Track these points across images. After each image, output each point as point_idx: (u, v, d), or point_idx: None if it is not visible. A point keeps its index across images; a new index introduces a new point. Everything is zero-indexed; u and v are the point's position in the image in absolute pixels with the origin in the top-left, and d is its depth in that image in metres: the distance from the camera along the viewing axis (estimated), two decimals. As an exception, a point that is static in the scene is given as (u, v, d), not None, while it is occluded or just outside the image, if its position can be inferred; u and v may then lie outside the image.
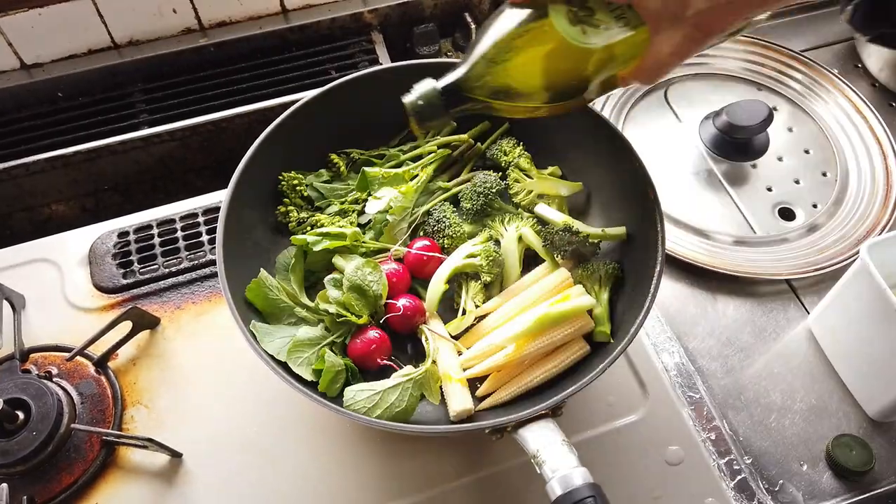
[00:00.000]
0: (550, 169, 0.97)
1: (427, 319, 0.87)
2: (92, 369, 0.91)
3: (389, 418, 0.77)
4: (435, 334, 0.84)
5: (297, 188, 0.93)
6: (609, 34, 0.62)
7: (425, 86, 0.68)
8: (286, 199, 0.93)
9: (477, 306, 0.88)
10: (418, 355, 0.85)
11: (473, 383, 0.84)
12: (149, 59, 1.18)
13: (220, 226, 0.81)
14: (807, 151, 1.20)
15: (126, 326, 0.91)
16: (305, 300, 0.86)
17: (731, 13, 0.58)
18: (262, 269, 0.84)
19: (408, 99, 0.69)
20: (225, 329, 0.94)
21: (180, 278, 1.00)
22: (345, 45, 1.23)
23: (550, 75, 0.65)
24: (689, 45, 0.61)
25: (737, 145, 1.18)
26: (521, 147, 0.97)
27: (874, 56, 1.28)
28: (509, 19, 0.64)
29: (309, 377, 0.79)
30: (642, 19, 0.62)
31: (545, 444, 0.68)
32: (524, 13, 0.64)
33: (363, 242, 0.90)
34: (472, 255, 0.89)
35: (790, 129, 1.23)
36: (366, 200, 0.94)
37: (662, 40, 0.61)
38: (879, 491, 0.87)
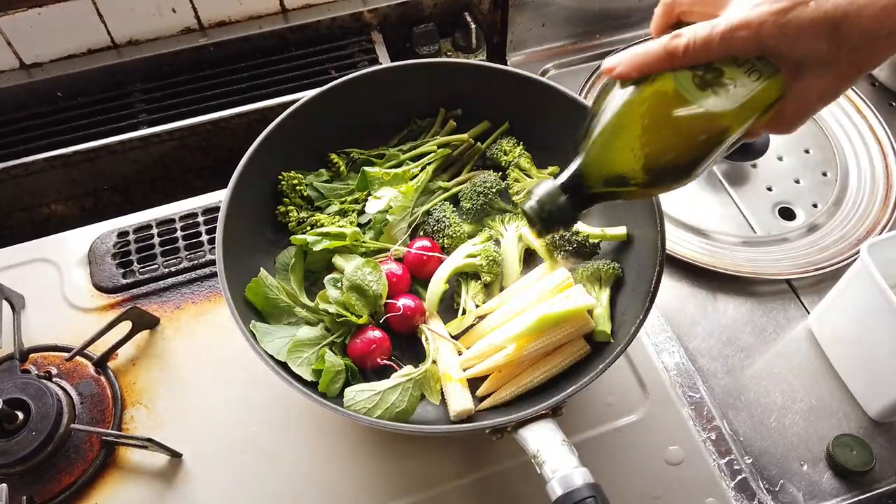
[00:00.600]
0: (551, 169, 0.97)
1: (427, 319, 0.87)
2: (91, 369, 0.91)
3: (390, 418, 0.77)
4: (435, 334, 0.84)
5: (297, 188, 0.93)
6: (742, 91, 0.56)
7: (545, 188, 0.61)
8: (286, 199, 0.93)
9: (477, 306, 0.88)
10: (418, 355, 0.85)
11: (474, 383, 0.83)
12: (148, 58, 1.17)
13: (219, 225, 0.81)
14: (807, 151, 1.20)
15: (126, 326, 0.91)
16: (305, 300, 0.86)
17: (890, 46, 0.54)
18: (261, 268, 0.84)
19: (529, 206, 0.62)
20: (225, 329, 0.94)
21: (180, 278, 1.00)
22: (344, 45, 1.23)
23: (682, 148, 0.58)
24: (840, 86, 0.56)
25: (737, 145, 1.17)
26: (521, 147, 0.97)
27: (874, 56, 1.28)
28: (624, 97, 0.58)
29: (309, 377, 0.79)
30: (776, 67, 0.56)
31: (545, 444, 0.68)
32: (639, 88, 0.58)
33: (363, 242, 0.90)
34: (471, 255, 0.89)
35: (790, 129, 1.22)
36: (366, 200, 0.94)
37: (808, 85, 0.56)
38: (880, 491, 0.86)
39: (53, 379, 0.89)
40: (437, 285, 0.87)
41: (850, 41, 0.53)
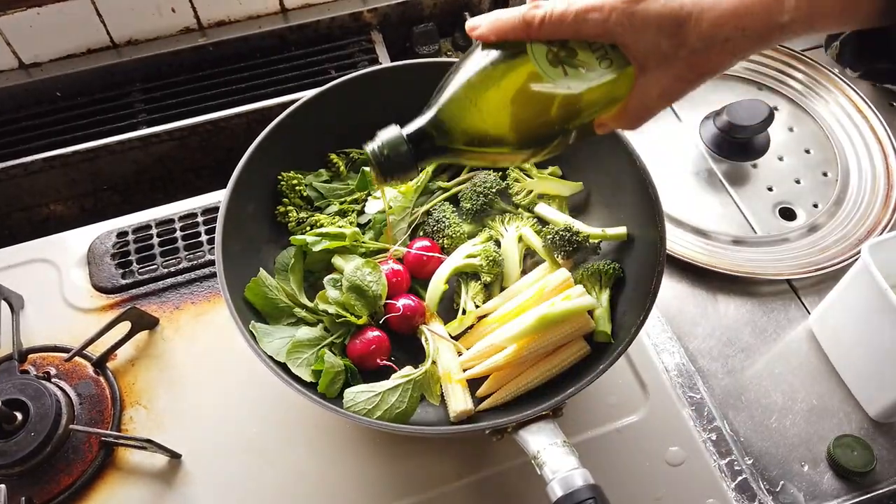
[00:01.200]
0: (550, 169, 0.97)
1: (427, 320, 0.86)
2: (90, 370, 0.91)
3: (389, 419, 0.77)
4: (435, 335, 0.84)
5: (297, 188, 0.92)
6: (592, 76, 0.58)
7: (390, 133, 0.63)
8: (285, 199, 0.93)
9: (477, 306, 0.88)
10: (418, 356, 0.85)
11: (473, 384, 0.83)
12: (147, 58, 1.17)
13: (219, 226, 0.81)
14: (807, 151, 1.20)
15: (125, 327, 0.91)
16: (305, 300, 0.86)
17: (726, 53, 0.55)
18: (261, 268, 0.84)
19: (370, 148, 0.64)
20: (224, 329, 0.94)
21: (179, 278, 1.00)
22: (344, 45, 1.23)
23: (527, 120, 0.60)
24: (679, 87, 0.57)
25: (737, 145, 1.17)
26: (521, 147, 0.97)
27: (875, 55, 1.28)
28: (482, 59, 0.59)
29: (308, 378, 0.79)
30: (627, 60, 0.58)
31: (546, 445, 0.68)
32: (498, 53, 0.59)
33: (363, 242, 0.90)
34: (471, 256, 0.88)
35: (791, 129, 1.22)
36: (365, 200, 0.94)
37: (650, 81, 0.57)
38: (881, 492, 0.86)
39: (52, 379, 0.89)
40: (437, 285, 0.87)
41: (689, 43, 0.54)
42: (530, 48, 0.58)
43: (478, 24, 0.60)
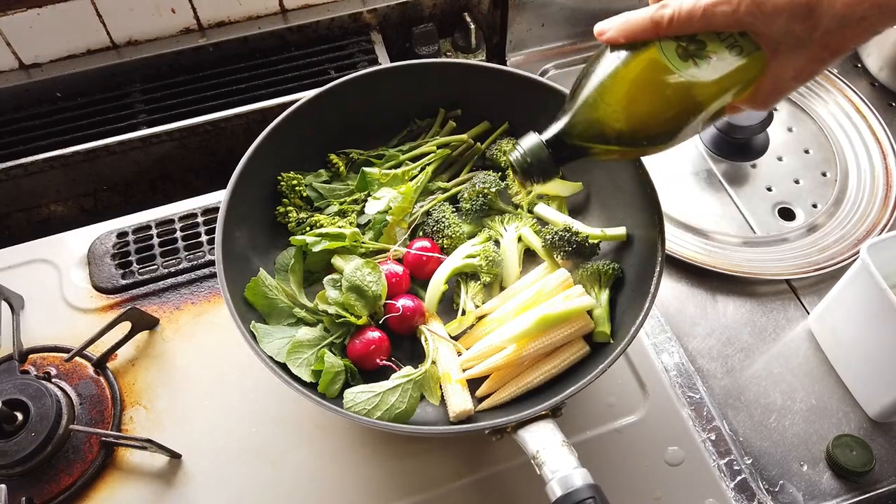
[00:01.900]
0: (550, 169, 0.97)
1: (426, 320, 0.86)
2: (91, 370, 0.91)
3: (390, 419, 0.77)
4: (434, 335, 0.84)
5: (297, 188, 0.92)
6: (722, 65, 0.59)
7: (530, 141, 0.65)
8: (285, 200, 0.93)
9: (476, 307, 0.88)
10: (418, 356, 0.85)
11: (473, 384, 0.83)
12: (147, 59, 1.17)
13: (218, 226, 0.81)
14: (807, 151, 1.20)
15: (125, 327, 0.91)
16: (304, 300, 0.86)
17: (862, 31, 0.55)
18: (261, 269, 0.84)
19: (514, 156, 0.67)
20: (224, 330, 0.94)
21: (179, 279, 1.00)
22: (344, 45, 1.23)
23: (662, 114, 0.61)
24: (814, 66, 0.58)
25: (737, 145, 1.18)
26: (520, 147, 0.97)
27: (874, 55, 1.28)
28: (611, 62, 0.61)
29: (308, 378, 0.79)
30: (757, 44, 0.59)
31: (545, 444, 0.68)
32: (625, 54, 0.60)
33: (362, 243, 0.90)
34: (471, 256, 0.88)
35: (790, 129, 1.22)
36: (365, 201, 0.94)
37: (783, 64, 0.58)
38: (880, 491, 0.86)
39: (52, 380, 0.89)
40: (437, 286, 0.87)
41: (823, 24, 0.55)
42: (659, 45, 0.59)
43: (606, 28, 0.61)
